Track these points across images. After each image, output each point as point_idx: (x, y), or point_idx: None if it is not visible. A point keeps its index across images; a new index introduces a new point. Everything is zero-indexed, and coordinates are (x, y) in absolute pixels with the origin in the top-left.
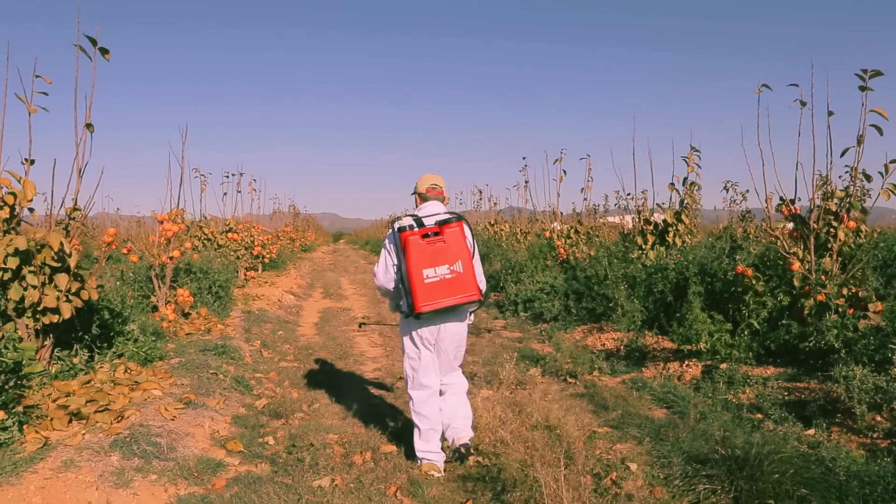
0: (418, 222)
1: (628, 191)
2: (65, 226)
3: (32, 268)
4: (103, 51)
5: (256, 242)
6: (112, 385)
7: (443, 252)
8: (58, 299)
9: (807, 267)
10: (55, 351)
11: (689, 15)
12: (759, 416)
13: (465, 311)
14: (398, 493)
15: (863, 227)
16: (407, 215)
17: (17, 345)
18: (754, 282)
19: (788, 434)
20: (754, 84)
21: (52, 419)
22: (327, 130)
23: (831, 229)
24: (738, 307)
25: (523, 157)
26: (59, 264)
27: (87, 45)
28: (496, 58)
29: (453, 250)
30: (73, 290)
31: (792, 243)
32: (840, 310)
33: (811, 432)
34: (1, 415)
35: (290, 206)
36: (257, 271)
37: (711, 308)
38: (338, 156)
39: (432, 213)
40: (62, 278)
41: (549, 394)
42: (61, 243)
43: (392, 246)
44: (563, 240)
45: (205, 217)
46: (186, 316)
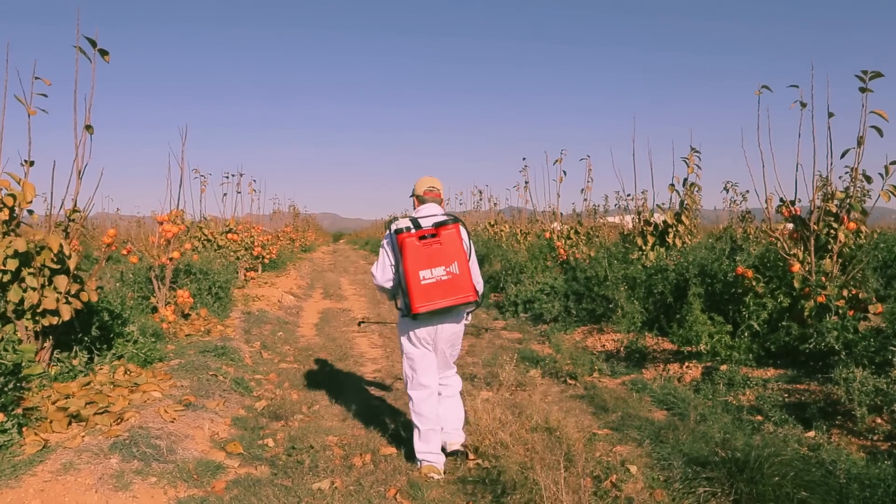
0: (415, 224)
1: (628, 191)
2: (64, 227)
3: (32, 270)
4: (103, 52)
5: (256, 243)
6: (111, 387)
7: (439, 254)
8: (57, 301)
9: (807, 268)
10: (55, 353)
11: (689, 15)
12: (760, 418)
13: (462, 312)
14: (398, 496)
15: (863, 229)
16: (404, 217)
17: (16, 347)
18: (754, 283)
19: (789, 436)
20: (754, 84)
21: (51, 421)
22: (327, 130)
23: (831, 231)
24: (738, 308)
25: (523, 158)
26: (58, 266)
27: (86, 47)
28: (496, 58)
29: (450, 252)
30: (73, 291)
31: (792, 244)
32: (840, 311)
33: (811, 434)
34: (0, 417)
35: (290, 207)
36: (257, 272)
37: (711, 309)
38: (338, 156)
39: (429, 214)
40: (62, 280)
41: (548, 395)
42: (61, 245)
43: (389, 247)
44: (563, 240)
45: (205, 218)
46: (186, 317)
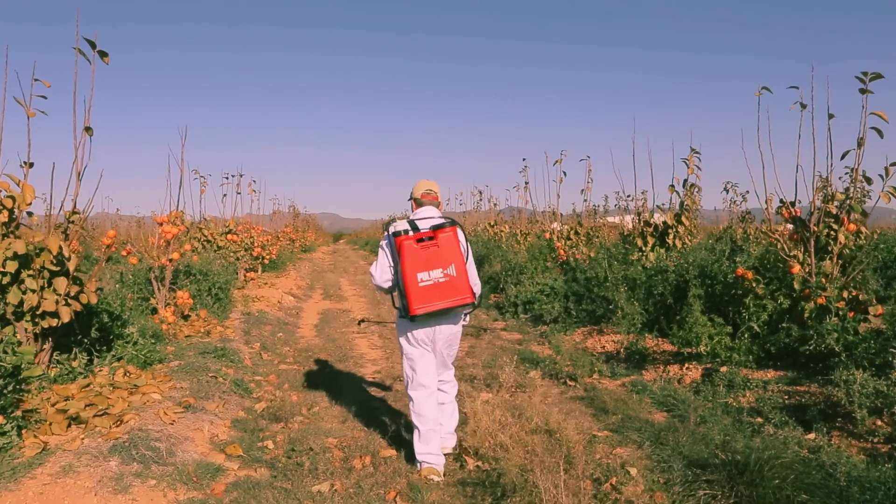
0: (413, 227)
1: (628, 192)
2: (64, 229)
3: (31, 271)
4: (102, 54)
5: (256, 243)
6: (111, 389)
7: (437, 256)
8: (57, 303)
9: (807, 270)
10: (54, 354)
11: (689, 15)
12: (760, 420)
13: (460, 314)
14: (398, 499)
15: (863, 230)
16: (402, 219)
17: (15, 349)
18: (754, 284)
19: (789, 438)
20: (754, 85)
21: (50, 424)
22: (327, 130)
23: (832, 232)
24: (738, 310)
25: (523, 159)
26: (58, 268)
27: (85, 49)
28: (496, 58)
29: (447, 254)
30: (73, 293)
31: (792, 246)
32: (840, 313)
33: (812, 437)
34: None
35: (290, 207)
36: (257, 272)
37: (711, 311)
38: (338, 156)
39: (427, 217)
40: (61, 282)
41: (548, 397)
42: (60, 247)
43: (388, 249)
44: (563, 241)
45: (204, 218)
46: (186, 318)
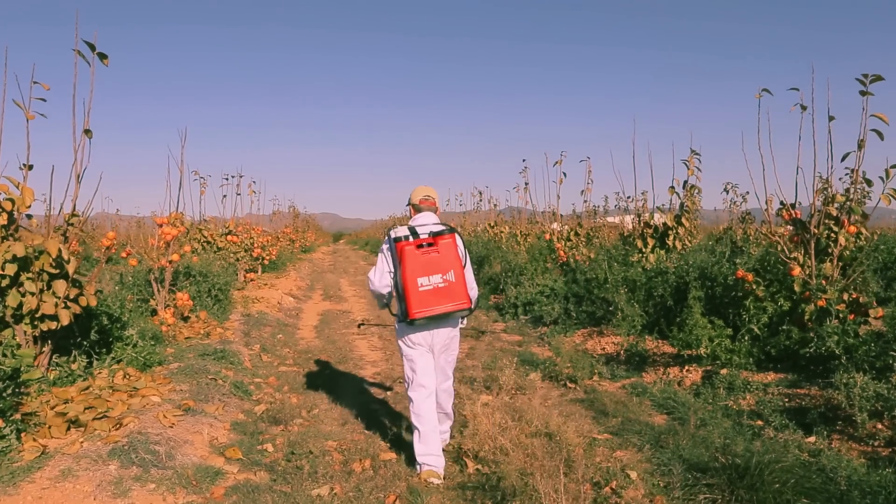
0: (413, 233)
1: (628, 193)
2: (63, 232)
3: (31, 274)
4: (102, 56)
5: (256, 244)
6: (110, 391)
7: (436, 262)
8: (56, 306)
9: (807, 272)
10: (53, 357)
11: (689, 15)
12: (760, 423)
13: (457, 318)
14: (397, 502)
15: (863, 232)
16: (402, 225)
17: (15, 351)
18: (755, 287)
19: (789, 442)
20: (755, 86)
21: (50, 427)
22: (327, 130)
23: (832, 234)
24: (738, 312)
25: (523, 160)
26: (57, 271)
27: (85, 51)
28: (496, 58)
29: (446, 260)
30: (72, 296)
31: (792, 248)
32: (841, 315)
33: (812, 440)
34: None
35: (290, 207)
36: (257, 273)
37: (712, 313)
38: (338, 156)
39: (426, 223)
40: (60, 285)
41: (548, 399)
42: (59, 250)
43: (389, 254)
44: (563, 242)
45: (204, 219)
46: (186, 319)
